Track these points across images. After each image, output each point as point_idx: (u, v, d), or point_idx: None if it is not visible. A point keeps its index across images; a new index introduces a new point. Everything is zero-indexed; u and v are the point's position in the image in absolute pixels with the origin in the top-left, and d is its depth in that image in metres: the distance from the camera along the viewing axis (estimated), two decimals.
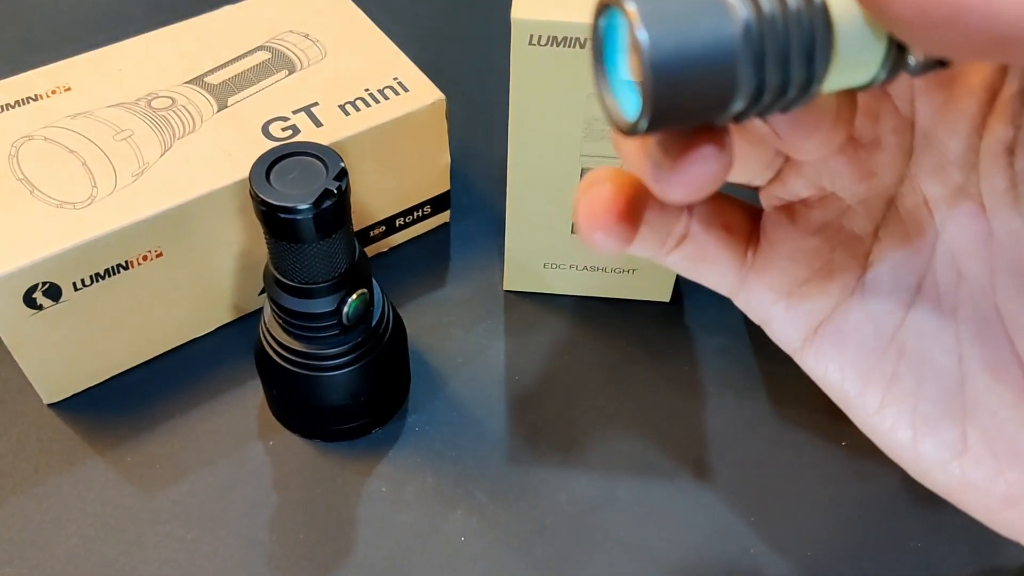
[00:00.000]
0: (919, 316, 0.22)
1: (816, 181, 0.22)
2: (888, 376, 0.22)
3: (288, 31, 0.44)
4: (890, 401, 0.22)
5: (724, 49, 0.15)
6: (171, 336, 0.41)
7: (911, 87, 0.20)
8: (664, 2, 0.14)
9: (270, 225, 0.32)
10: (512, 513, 0.37)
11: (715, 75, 0.15)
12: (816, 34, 0.15)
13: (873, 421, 0.22)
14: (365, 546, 0.36)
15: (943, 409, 0.21)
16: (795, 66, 0.15)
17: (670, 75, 0.14)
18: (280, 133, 0.39)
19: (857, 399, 0.22)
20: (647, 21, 0.14)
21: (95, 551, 0.35)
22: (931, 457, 0.21)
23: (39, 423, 0.39)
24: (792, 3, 0.15)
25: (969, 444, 0.21)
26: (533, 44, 0.34)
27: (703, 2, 0.15)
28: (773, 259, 0.22)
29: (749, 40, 0.15)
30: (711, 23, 0.14)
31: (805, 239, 0.22)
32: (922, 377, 0.21)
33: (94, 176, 0.37)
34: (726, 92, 0.15)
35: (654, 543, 0.36)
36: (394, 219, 0.45)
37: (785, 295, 0.22)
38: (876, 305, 0.22)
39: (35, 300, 0.35)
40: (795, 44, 0.15)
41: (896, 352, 0.22)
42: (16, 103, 0.39)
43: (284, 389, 0.37)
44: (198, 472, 0.38)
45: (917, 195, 0.21)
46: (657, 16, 0.14)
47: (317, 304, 0.34)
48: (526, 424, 0.40)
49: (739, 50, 0.15)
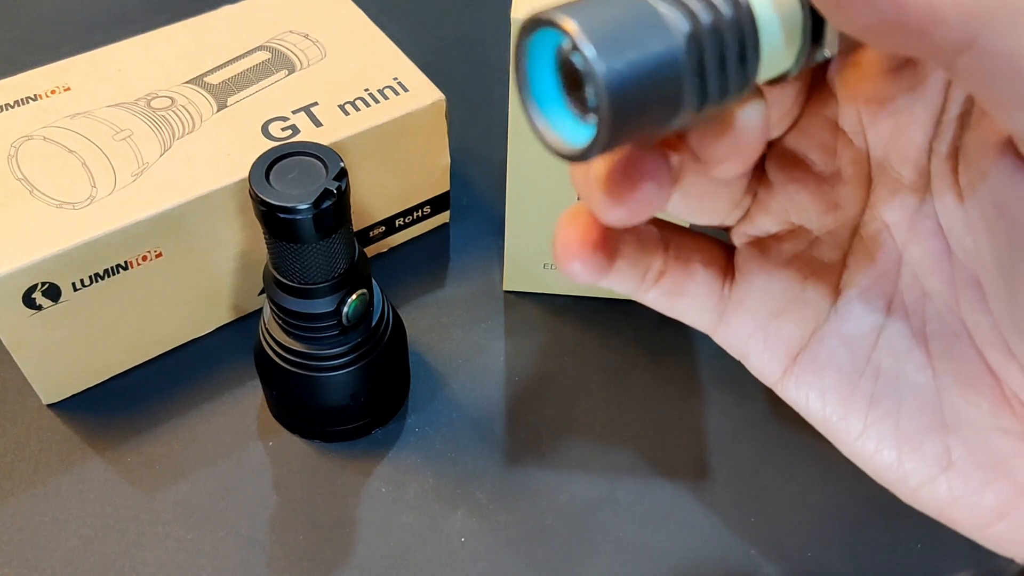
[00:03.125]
0: (891, 336, 0.22)
1: (784, 216, 0.23)
2: (868, 397, 0.22)
3: (288, 31, 0.44)
4: (872, 422, 0.22)
5: (671, 65, 0.14)
6: (171, 336, 0.41)
7: (860, 120, 0.21)
8: (603, 21, 0.14)
9: (270, 225, 0.32)
10: (512, 514, 0.37)
11: (663, 91, 0.14)
12: (747, 39, 0.15)
13: (858, 445, 0.23)
14: (365, 547, 0.36)
15: (924, 425, 0.22)
16: (732, 71, 0.15)
17: (623, 97, 0.14)
18: (280, 133, 0.39)
19: (840, 423, 0.23)
20: (595, 43, 0.14)
21: (95, 551, 0.35)
22: (918, 475, 0.22)
23: (38, 423, 0.39)
24: (724, 10, 0.15)
25: (953, 458, 0.21)
26: None
27: (642, 18, 0.14)
28: (748, 293, 0.23)
29: (691, 52, 0.14)
30: (655, 39, 0.14)
31: (777, 272, 0.23)
32: (900, 395, 0.22)
33: (93, 176, 0.37)
34: (672, 107, 0.15)
35: (654, 544, 0.36)
36: (394, 219, 0.45)
37: (762, 327, 0.23)
38: (849, 329, 0.23)
39: (34, 300, 0.35)
40: (730, 50, 0.15)
41: (873, 373, 0.22)
42: (15, 103, 0.39)
43: (284, 389, 0.37)
44: (198, 472, 0.38)
45: (878, 221, 0.22)
46: (602, 37, 0.14)
47: (317, 304, 0.34)
48: (526, 425, 0.40)
49: (683, 63, 0.14)
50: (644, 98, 0.14)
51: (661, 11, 0.14)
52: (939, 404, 0.22)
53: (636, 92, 0.14)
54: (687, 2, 0.15)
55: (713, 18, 0.15)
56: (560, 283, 0.44)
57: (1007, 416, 0.21)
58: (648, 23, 0.14)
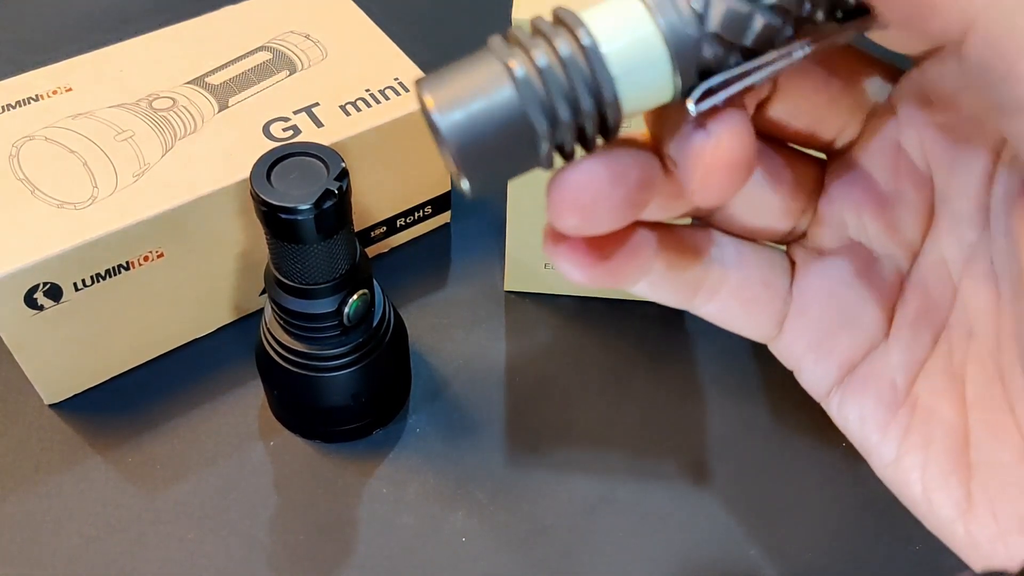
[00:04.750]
0: (932, 371, 0.22)
1: (843, 231, 0.22)
2: (903, 429, 0.22)
3: (289, 31, 0.44)
4: (904, 453, 0.22)
5: (510, 110, 0.16)
6: (172, 336, 0.41)
7: (923, 147, 0.21)
8: (456, 87, 0.16)
9: (271, 226, 0.32)
10: (513, 514, 0.37)
11: (511, 132, 0.16)
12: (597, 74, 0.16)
13: (889, 471, 0.22)
14: (366, 547, 0.36)
15: (950, 466, 0.21)
16: (584, 103, 0.16)
17: (471, 148, 0.16)
18: (281, 133, 0.39)
19: (876, 448, 0.22)
20: (441, 109, 0.16)
21: (96, 551, 0.35)
22: (940, 514, 0.22)
23: (40, 423, 0.39)
24: (563, 50, 0.16)
25: (973, 503, 0.21)
26: None
27: (486, 75, 0.16)
28: (806, 308, 0.23)
29: (528, 94, 0.16)
30: (494, 92, 0.16)
31: (836, 289, 0.23)
32: (932, 432, 0.22)
33: (95, 176, 0.37)
34: (529, 143, 0.16)
35: (653, 545, 0.36)
36: (395, 219, 0.45)
37: (817, 344, 0.23)
38: (896, 358, 0.22)
39: (36, 300, 0.35)
40: (578, 84, 0.16)
41: (910, 406, 0.22)
42: (17, 103, 0.39)
43: (285, 390, 0.37)
44: (199, 472, 0.38)
45: (937, 253, 0.22)
46: (450, 103, 0.16)
47: (318, 305, 0.34)
48: (527, 425, 0.40)
49: (523, 105, 0.16)
50: (493, 147, 0.16)
51: (505, 65, 0.16)
52: (966, 447, 0.21)
53: (482, 145, 0.16)
54: (531, 51, 0.16)
55: (553, 58, 0.16)
56: (561, 283, 0.44)
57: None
58: (487, 76, 0.16)
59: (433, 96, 0.16)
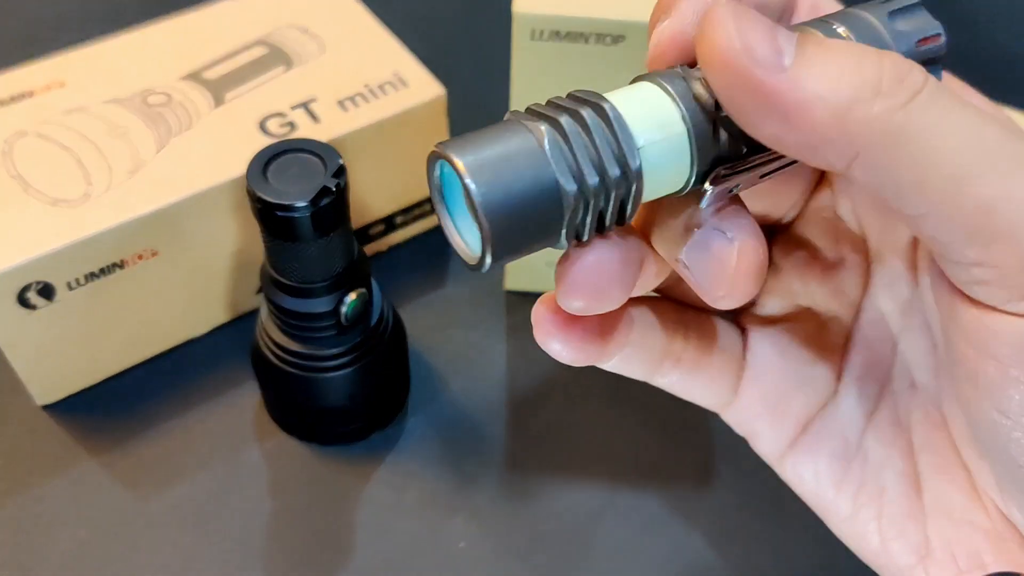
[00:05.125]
0: (879, 423, 0.23)
1: (792, 300, 0.24)
2: (857, 482, 0.23)
3: (285, 25, 0.43)
4: (860, 506, 0.23)
5: (546, 189, 0.16)
6: (167, 336, 0.40)
7: (856, 212, 0.23)
8: (485, 151, 0.16)
9: (267, 223, 0.31)
10: (512, 518, 0.37)
11: (542, 211, 0.16)
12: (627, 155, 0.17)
13: (846, 526, 0.23)
14: (363, 552, 0.35)
15: (906, 512, 0.22)
16: (612, 192, 0.17)
17: (502, 220, 0.16)
18: (277, 129, 0.39)
19: (832, 505, 0.23)
20: (473, 172, 0.16)
21: (89, 555, 0.35)
22: (899, 561, 0.22)
23: (32, 425, 0.38)
24: (597, 135, 0.16)
25: (932, 547, 0.22)
26: (535, 39, 0.34)
27: (519, 146, 0.16)
28: (759, 373, 0.24)
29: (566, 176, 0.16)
30: (530, 166, 0.16)
31: (787, 353, 0.24)
32: (884, 481, 0.23)
33: (89, 173, 0.36)
34: (554, 225, 0.17)
35: (655, 550, 0.36)
36: (394, 217, 0.44)
37: (771, 407, 0.24)
38: (845, 414, 0.23)
39: (28, 300, 0.35)
40: (611, 173, 0.17)
41: (862, 458, 0.23)
42: (9, 99, 0.39)
43: (281, 391, 0.37)
44: (194, 475, 0.37)
45: (875, 308, 0.23)
46: (481, 166, 0.16)
47: (315, 304, 0.33)
48: (527, 428, 0.39)
49: (560, 187, 0.16)
50: (521, 223, 0.16)
51: (542, 143, 0.16)
52: (919, 493, 0.22)
53: (512, 218, 0.16)
54: (565, 127, 0.16)
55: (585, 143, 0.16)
56: None
57: (979, 511, 0.21)
58: (524, 150, 0.16)
59: (465, 163, 0.16)
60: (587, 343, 0.20)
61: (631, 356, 0.22)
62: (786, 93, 0.16)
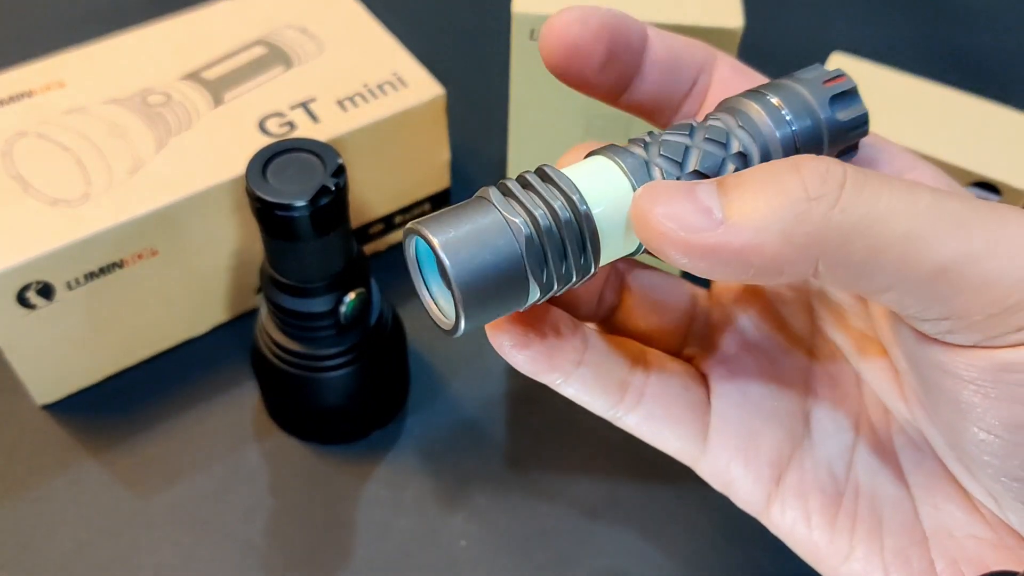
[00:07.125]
0: (864, 453, 0.23)
1: (741, 336, 0.24)
2: (852, 517, 0.23)
3: (285, 25, 0.43)
4: (858, 542, 0.22)
5: (512, 261, 0.18)
6: (166, 336, 0.40)
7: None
8: (458, 229, 0.17)
9: (266, 223, 0.31)
10: (513, 517, 0.36)
11: (509, 280, 0.18)
12: (587, 236, 0.18)
13: (845, 569, 0.22)
14: (363, 551, 0.35)
15: (907, 539, 0.22)
16: (572, 260, 0.18)
17: (473, 290, 0.17)
18: (277, 129, 0.39)
19: (828, 547, 0.23)
20: (447, 250, 0.17)
21: (89, 555, 0.35)
22: None
23: (32, 424, 0.38)
24: (562, 214, 0.18)
25: (939, 571, 0.21)
26: (535, 39, 0.34)
27: (489, 226, 0.18)
28: (725, 414, 0.24)
29: (531, 250, 0.18)
30: (499, 243, 0.18)
31: (747, 389, 0.24)
32: (880, 511, 0.22)
33: (88, 173, 0.36)
34: (521, 290, 0.18)
35: (656, 547, 0.36)
36: (393, 216, 0.44)
37: (742, 449, 0.23)
38: (825, 450, 0.23)
39: (28, 299, 0.35)
40: (570, 244, 0.18)
41: (853, 491, 0.23)
42: (9, 99, 0.39)
43: (280, 390, 0.37)
44: (193, 475, 0.37)
45: (828, 344, 0.24)
46: (455, 244, 0.17)
47: (314, 303, 0.33)
48: (527, 426, 0.39)
49: (524, 259, 0.18)
50: (491, 292, 0.18)
51: (508, 220, 0.18)
52: (916, 516, 0.22)
53: (483, 288, 0.18)
54: (532, 209, 0.18)
55: (554, 221, 0.18)
56: None
57: (979, 524, 0.21)
58: (494, 230, 0.18)
59: (440, 241, 0.17)
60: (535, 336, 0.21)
61: (589, 380, 0.22)
62: (733, 243, 0.17)
